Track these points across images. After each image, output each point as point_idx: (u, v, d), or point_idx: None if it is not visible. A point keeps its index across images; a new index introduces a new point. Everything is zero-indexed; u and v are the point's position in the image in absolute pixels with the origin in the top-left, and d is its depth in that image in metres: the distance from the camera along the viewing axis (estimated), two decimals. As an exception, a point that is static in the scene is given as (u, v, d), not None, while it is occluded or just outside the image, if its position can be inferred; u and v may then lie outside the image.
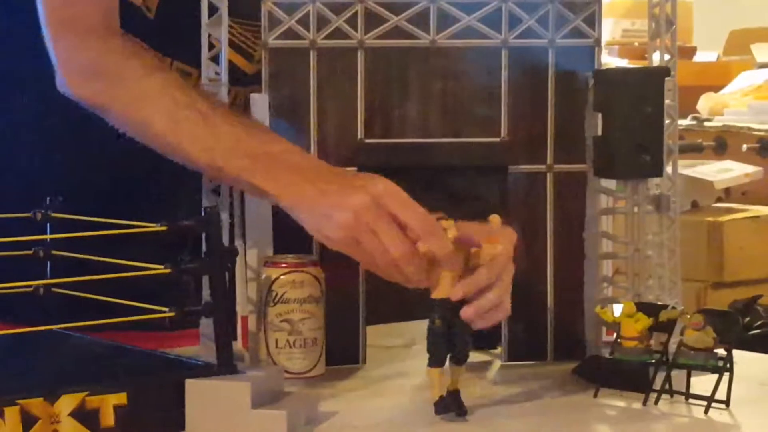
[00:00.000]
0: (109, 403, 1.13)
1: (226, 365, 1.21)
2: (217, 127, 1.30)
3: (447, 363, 1.22)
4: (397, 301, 1.46)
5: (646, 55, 1.46)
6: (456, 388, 1.21)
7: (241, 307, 1.38)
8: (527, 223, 1.44)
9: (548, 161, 1.44)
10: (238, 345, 1.36)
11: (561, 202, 1.44)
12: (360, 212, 1.22)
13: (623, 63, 3.85)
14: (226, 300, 1.23)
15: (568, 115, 1.43)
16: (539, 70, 1.43)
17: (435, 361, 1.21)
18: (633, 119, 1.40)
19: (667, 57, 1.45)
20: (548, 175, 1.44)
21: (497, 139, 1.43)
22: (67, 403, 1.11)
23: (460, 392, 1.21)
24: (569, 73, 1.43)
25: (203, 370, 1.19)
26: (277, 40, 1.39)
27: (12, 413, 1.08)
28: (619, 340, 1.29)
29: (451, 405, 1.20)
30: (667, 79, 1.42)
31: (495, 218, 1.27)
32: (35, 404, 1.09)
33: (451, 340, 1.21)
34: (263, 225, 1.38)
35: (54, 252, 1.32)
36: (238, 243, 1.37)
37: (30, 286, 1.22)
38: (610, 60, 3.87)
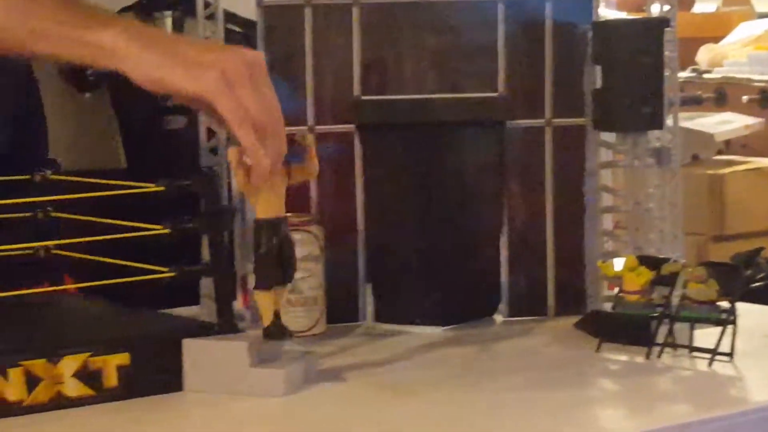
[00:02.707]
0: (111, 364, 1.13)
1: (226, 324, 1.20)
2: None
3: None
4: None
5: (644, 7, 1.45)
6: (277, 309, 1.16)
7: (241, 267, 1.38)
8: (526, 178, 1.43)
9: (547, 115, 1.43)
10: (238, 304, 1.36)
11: (560, 156, 1.43)
12: (231, 70, 1.11)
13: (621, 15, 3.82)
14: (226, 260, 1.23)
15: (567, 69, 1.42)
16: (536, 23, 1.42)
17: (264, 284, 1.15)
18: (633, 71, 1.39)
19: (666, 8, 1.43)
20: (547, 129, 1.43)
21: (495, 94, 1.42)
22: (70, 363, 1.11)
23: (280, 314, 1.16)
24: (567, 26, 1.42)
25: (204, 330, 1.19)
26: (272, -2, 1.38)
27: (16, 374, 1.08)
28: (621, 294, 1.29)
29: (276, 332, 1.16)
30: (666, 30, 1.41)
31: (309, 138, 1.21)
32: (38, 365, 1.09)
33: (279, 261, 1.16)
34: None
35: (54, 214, 1.31)
36: (236, 202, 1.36)
37: (31, 248, 1.21)
38: (607, 12, 3.84)
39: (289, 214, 1.35)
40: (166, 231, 1.19)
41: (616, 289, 1.31)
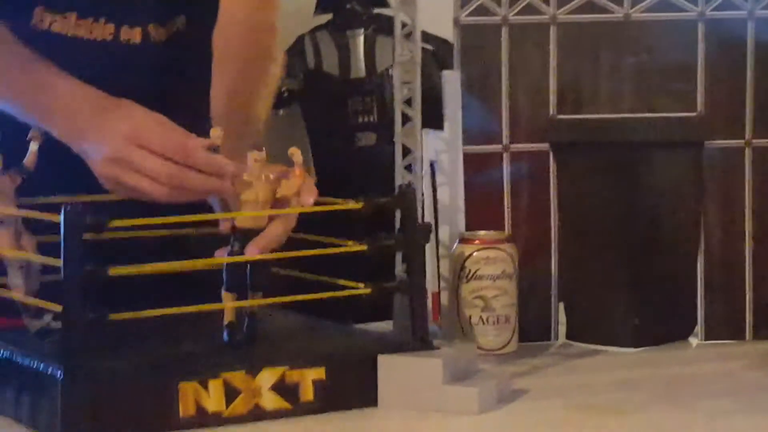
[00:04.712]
0: (308, 378, 1.15)
1: (421, 341, 1.21)
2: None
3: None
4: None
5: None
6: (253, 311, 1.19)
7: (433, 284, 1.39)
8: (725, 199, 1.40)
9: (747, 136, 1.40)
10: (430, 321, 1.37)
11: (760, 177, 1.40)
12: (115, 155, 1.22)
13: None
14: (422, 276, 1.24)
15: (768, 89, 1.39)
16: (738, 42, 1.39)
17: (231, 287, 1.18)
18: (837, 90, 1.35)
19: None
20: (747, 149, 1.40)
21: (693, 114, 1.40)
22: (268, 376, 1.13)
23: (255, 316, 1.19)
24: (770, 44, 1.39)
25: (399, 346, 1.20)
26: (468, 17, 1.39)
27: (216, 385, 1.11)
28: (823, 319, 1.25)
29: (235, 330, 1.18)
30: None
31: (296, 151, 1.22)
32: (238, 377, 1.12)
33: (250, 268, 1.18)
34: (455, 201, 1.38)
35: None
36: (429, 220, 1.37)
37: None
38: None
39: (482, 232, 1.36)
40: (364, 248, 1.20)
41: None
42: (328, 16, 2.69)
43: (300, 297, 1.19)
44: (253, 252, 1.18)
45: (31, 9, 1.37)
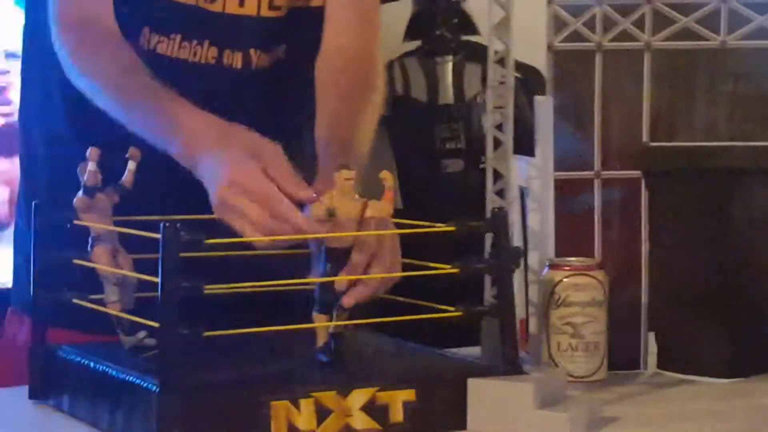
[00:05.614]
0: (398, 399, 1.15)
1: (510, 366, 1.21)
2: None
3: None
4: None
5: None
6: (339, 332, 1.19)
7: (521, 309, 1.38)
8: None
9: None
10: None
11: None
12: (220, 197, 1.20)
13: None
14: (512, 300, 1.23)
15: None
16: (838, 69, 1.38)
17: (323, 308, 1.19)
18: None
19: None
20: (844, 179, 1.38)
21: (791, 142, 1.38)
22: (358, 397, 1.13)
23: (341, 336, 1.20)
24: None
25: (489, 370, 1.20)
26: (562, 43, 1.39)
27: (307, 404, 1.11)
28: None
29: (329, 351, 1.19)
30: None
31: (388, 175, 1.20)
32: (329, 397, 1.12)
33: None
34: (545, 227, 1.37)
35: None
36: (518, 245, 1.37)
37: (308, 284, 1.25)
38: None
39: (572, 258, 1.36)
40: (456, 271, 1.20)
41: None
42: (417, 43, 2.70)
43: (393, 318, 1.19)
44: (349, 302, 1.19)
45: (139, 29, 1.40)
